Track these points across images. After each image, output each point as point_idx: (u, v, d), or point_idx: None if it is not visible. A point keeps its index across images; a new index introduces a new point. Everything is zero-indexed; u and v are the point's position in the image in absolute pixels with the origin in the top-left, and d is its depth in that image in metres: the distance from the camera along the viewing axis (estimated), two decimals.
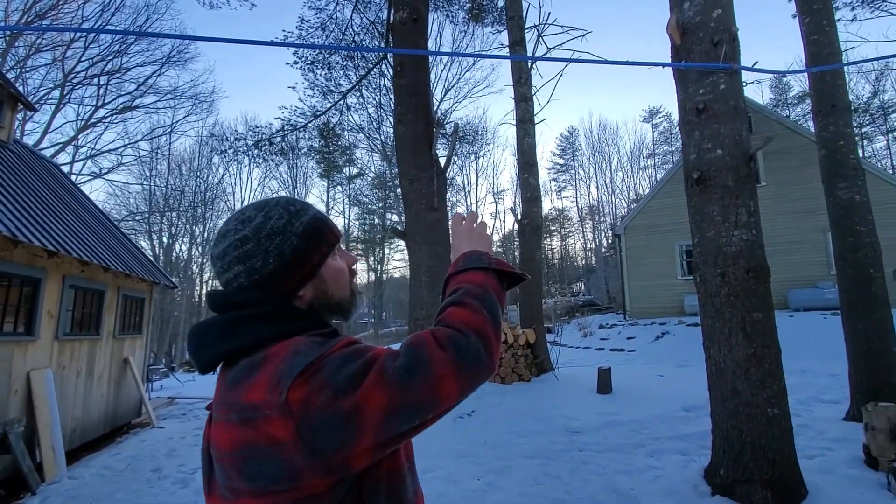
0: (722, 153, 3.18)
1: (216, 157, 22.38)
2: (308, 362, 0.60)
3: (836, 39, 5.23)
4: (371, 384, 0.59)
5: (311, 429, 0.57)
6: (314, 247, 0.75)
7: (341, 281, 0.79)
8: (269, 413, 0.58)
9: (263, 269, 0.71)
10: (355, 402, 0.58)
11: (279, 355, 0.63)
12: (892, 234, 11.40)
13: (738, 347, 3.05)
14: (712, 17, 3.25)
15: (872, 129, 32.31)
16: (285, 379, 0.59)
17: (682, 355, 9.97)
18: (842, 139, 5.02)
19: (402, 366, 0.61)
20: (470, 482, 3.72)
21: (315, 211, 0.80)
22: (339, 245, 0.81)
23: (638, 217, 16.14)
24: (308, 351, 0.62)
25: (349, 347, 0.65)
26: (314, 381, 0.59)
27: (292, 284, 0.73)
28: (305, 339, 0.66)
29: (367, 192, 34.94)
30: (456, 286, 0.78)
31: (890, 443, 3.38)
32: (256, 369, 0.62)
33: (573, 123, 63.67)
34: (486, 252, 0.85)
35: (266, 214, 0.74)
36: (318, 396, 0.58)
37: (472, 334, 0.66)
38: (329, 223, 0.80)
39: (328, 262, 0.77)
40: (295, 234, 0.73)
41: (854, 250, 4.82)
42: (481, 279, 0.78)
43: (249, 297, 0.70)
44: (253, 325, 0.67)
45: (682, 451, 4.13)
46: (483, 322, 0.69)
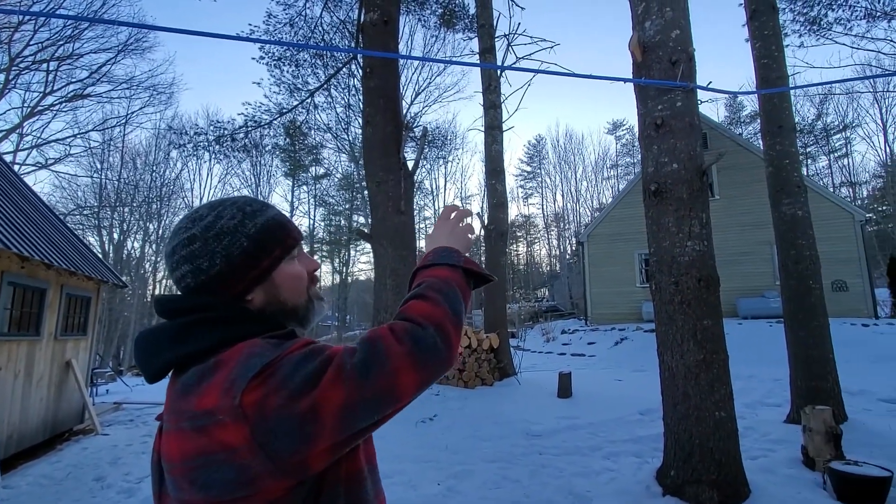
0: (677, 167, 3.33)
1: (174, 151, 21.56)
2: (263, 364, 0.59)
3: (784, 64, 5.57)
4: (328, 382, 0.58)
5: (267, 431, 0.55)
6: (266, 250, 0.72)
7: (296, 287, 0.76)
8: (221, 418, 0.56)
9: (210, 271, 0.69)
10: (312, 401, 0.56)
11: (232, 359, 0.61)
12: (831, 248, 12.23)
13: (689, 353, 3.19)
14: (671, 37, 3.41)
15: (816, 149, 34.56)
16: (239, 382, 0.57)
17: (640, 360, 10.31)
18: (787, 158, 5.35)
19: (360, 361, 0.60)
20: (430, 487, 3.71)
21: (274, 213, 0.76)
22: (300, 249, 0.79)
23: (600, 226, 16.62)
24: (263, 353, 0.61)
25: (306, 348, 0.63)
26: (269, 383, 0.57)
27: (240, 287, 0.70)
28: (260, 341, 0.64)
29: (334, 192, 34.43)
30: (421, 280, 0.78)
31: (826, 444, 3.60)
32: (208, 375, 0.61)
33: (541, 132, 64.79)
34: (458, 250, 0.85)
35: (218, 214, 0.72)
36: (274, 398, 0.56)
37: (430, 327, 0.66)
38: (287, 226, 0.76)
39: (282, 267, 0.74)
40: (246, 236, 0.70)
41: (796, 262, 5.14)
42: (447, 275, 0.78)
43: (198, 303, 0.68)
44: (203, 330, 0.65)
45: (637, 454, 4.27)
46: (443, 315, 0.69)
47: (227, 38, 3.08)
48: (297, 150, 28.23)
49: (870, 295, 13.51)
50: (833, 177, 35.13)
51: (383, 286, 5.42)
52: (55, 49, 19.19)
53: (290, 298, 0.75)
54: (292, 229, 0.77)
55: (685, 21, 3.47)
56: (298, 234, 0.79)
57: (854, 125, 32.44)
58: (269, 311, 0.73)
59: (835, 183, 34.55)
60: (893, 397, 6.01)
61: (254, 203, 0.76)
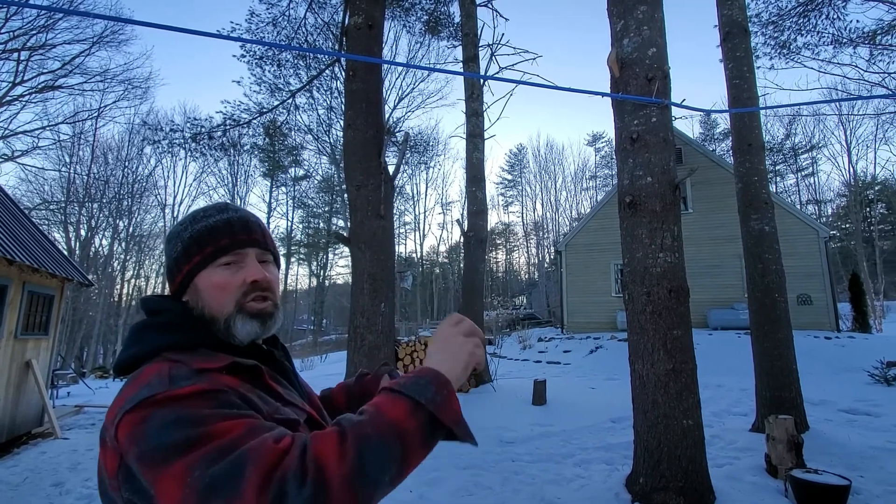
0: (651, 181, 3.42)
1: (148, 147, 20.96)
2: (142, 398, 0.56)
3: (754, 85, 5.79)
4: (173, 474, 0.51)
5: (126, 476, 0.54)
6: (188, 256, 0.74)
7: (217, 296, 0.72)
8: (107, 440, 0.57)
9: (164, 272, 0.77)
10: (156, 477, 0.52)
11: (143, 378, 0.61)
12: (796, 263, 12.70)
13: (659, 362, 3.26)
14: (648, 54, 3.51)
15: (784, 167, 35.96)
16: (122, 410, 0.57)
17: (613, 369, 10.46)
18: (756, 175, 5.55)
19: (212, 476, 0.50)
20: (402, 494, 3.68)
21: (217, 220, 0.76)
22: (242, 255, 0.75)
23: (578, 235, 16.87)
24: (156, 384, 0.58)
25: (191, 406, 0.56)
26: (135, 428, 0.55)
27: (174, 289, 0.76)
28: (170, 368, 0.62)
29: (313, 195, 34.10)
30: (370, 405, 0.60)
31: (788, 452, 3.72)
32: (127, 385, 0.62)
33: (522, 141, 65.80)
34: (448, 381, 0.64)
35: (181, 221, 0.78)
36: (133, 448, 0.54)
37: (310, 487, 0.50)
38: (216, 233, 0.74)
39: (203, 274, 0.73)
40: (181, 241, 0.75)
41: (762, 276, 5.31)
42: (399, 417, 0.58)
43: (158, 305, 0.74)
44: (149, 334, 0.69)
45: (608, 461, 4.32)
46: (341, 478, 0.52)
47: (208, 36, 3.04)
48: (277, 151, 27.90)
49: (832, 309, 14.06)
50: (800, 194, 36.59)
51: (360, 291, 5.38)
52: (27, 38, 18.53)
53: (209, 306, 0.73)
54: (221, 238, 0.74)
55: (661, 40, 3.58)
56: (236, 241, 0.75)
57: (820, 146, 33.94)
58: (195, 316, 0.73)
59: (801, 200, 35.98)
60: (853, 408, 6.25)
61: (209, 210, 0.79)
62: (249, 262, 0.75)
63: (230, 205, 0.81)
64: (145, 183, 28.84)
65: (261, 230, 0.80)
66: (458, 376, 0.67)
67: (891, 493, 3.46)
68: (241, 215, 0.79)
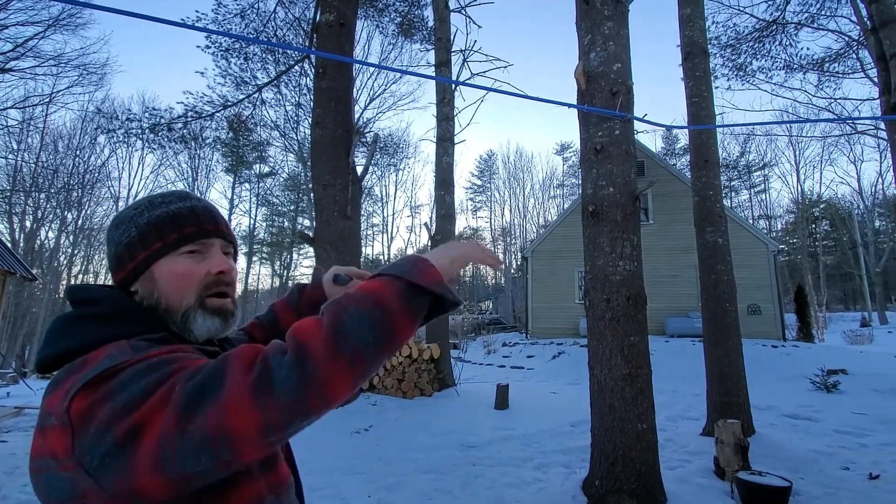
0: (613, 191, 3.52)
1: (102, 136, 19.96)
2: (104, 368, 0.54)
3: (712, 104, 6.07)
4: (152, 405, 0.49)
5: (85, 448, 0.50)
6: (145, 242, 0.68)
7: (178, 286, 0.68)
8: (54, 421, 0.53)
9: (109, 258, 0.71)
10: (131, 424, 0.49)
11: (95, 359, 0.57)
12: (747, 275, 13.35)
13: (616, 367, 3.35)
14: (613, 69, 3.62)
15: (739, 183, 37.85)
16: (76, 386, 0.53)
17: (574, 374, 10.67)
18: (711, 190, 5.80)
19: (195, 385, 0.50)
20: (360, 499, 3.62)
21: (178, 207, 0.72)
22: (207, 244, 0.72)
23: (544, 242, 17.17)
24: (117, 356, 0.56)
25: (157, 357, 0.55)
26: (100, 391, 0.52)
27: (121, 277, 0.70)
28: (128, 343, 0.60)
29: (279, 192, 33.34)
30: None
31: (735, 455, 3.88)
32: (71, 374, 0.57)
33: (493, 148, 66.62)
34: (425, 259, 0.64)
35: (133, 204, 0.73)
36: (97, 410, 0.50)
37: (291, 353, 0.51)
38: (180, 220, 0.70)
39: (162, 262, 0.68)
40: (136, 226, 0.70)
41: (715, 286, 5.55)
42: (376, 287, 0.58)
43: (94, 295, 0.67)
44: (87, 326, 0.63)
45: (566, 464, 4.39)
46: (321, 338, 0.52)
47: (171, 24, 2.92)
48: (241, 146, 27.13)
49: (779, 319, 14.85)
50: (752, 210, 38.58)
51: None
52: None
53: (167, 297, 0.68)
54: (186, 225, 0.70)
55: (626, 56, 3.70)
56: (203, 230, 0.72)
57: (772, 164, 35.97)
58: (147, 306, 0.68)
59: (753, 215, 37.94)
60: (795, 413, 6.60)
61: (168, 196, 0.74)
62: (214, 253, 0.72)
63: (191, 193, 0.77)
64: (97, 173, 27.40)
65: (225, 221, 0.77)
66: (441, 263, 0.65)
67: (829, 495, 3.67)
68: (205, 205, 0.75)
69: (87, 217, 27.52)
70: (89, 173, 26.80)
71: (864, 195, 32.81)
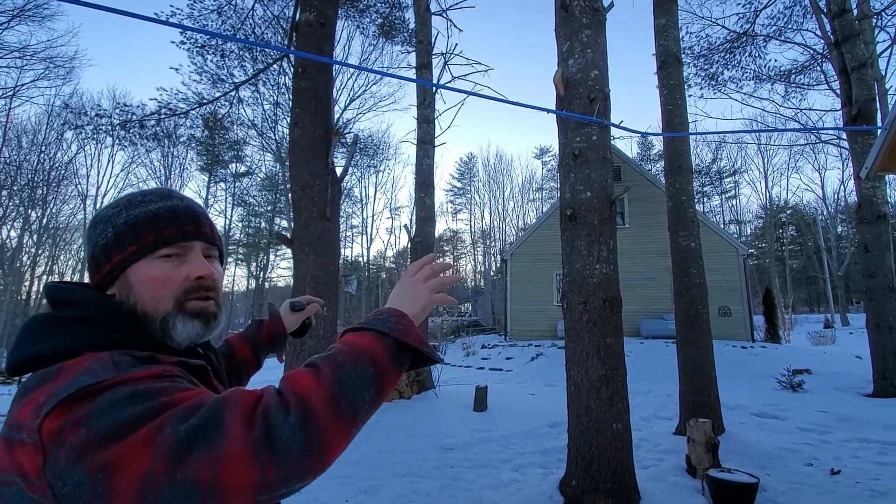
0: (591, 195, 3.59)
1: (70, 132, 19.26)
2: (81, 386, 0.50)
3: (685, 112, 6.24)
4: (136, 442, 0.47)
5: (56, 473, 0.47)
6: (120, 244, 0.65)
7: (152, 291, 0.65)
8: (24, 437, 0.49)
9: (87, 259, 0.68)
10: (108, 458, 0.46)
11: (73, 370, 0.53)
12: (718, 278, 13.74)
13: (593, 369, 3.40)
14: (590, 76, 3.69)
15: (711, 188, 38.96)
16: (50, 402, 0.50)
17: (552, 375, 10.79)
18: (684, 195, 5.96)
19: (188, 429, 0.48)
20: (339, 503, 3.59)
21: (158, 208, 0.68)
22: (187, 248, 0.69)
23: (524, 245, 17.34)
24: (98, 371, 0.53)
25: (145, 384, 0.52)
26: (75, 412, 0.48)
27: (97, 280, 0.67)
28: (109, 356, 0.56)
29: (255, 193, 32.76)
30: (336, 345, 0.63)
31: (706, 453, 3.99)
32: (44, 382, 0.53)
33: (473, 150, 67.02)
34: (405, 314, 0.67)
35: (112, 203, 0.69)
36: (70, 435, 0.47)
37: (295, 413, 0.51)
38: (159, 221, 0.67)
39: (137, 266, 0.65)
40: (112, 227, 0.66)
41: (688, 289, 5.70)
42: (367, 344, 0.61)
43: (75, 296, 0.64)
44: (64, 330, 0.59)
45: (544, 465, 4.44)
46: (323, 399, 0.53)
47: (144, 19, 2.85)
48: (217, 145, 26.56)
49: (749, 321, 15.33)
50: (723, 215, 39.77)
51: (302, 294, 5.21)
52: None
53: (143, 302, 0.65)
54: (165, 226, 0.67)
55: (603, 63, 3.78)
56: (183, 232, 0.68)
57: (742, 171, 37.19)
58: (125, 310, 0.65)
59: (724, 220, 39.11)
60: (763, 411, 6.82)
61: (148, 194, 0.70)
62: (194, 257, 0.69)
63: (174, 191, 0.73)
64: (64, 170, 26.39)
65: (208, 222, 0.74)
66: (416, 315, 0.69)
67: (793, 490, 3.81)
68: (188, 204, 0.72)
69: (52, 215, 26.49)
70: (55, 170, 25.81)
71: (827, 202, 34.23)
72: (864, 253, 8.32)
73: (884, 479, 4.06)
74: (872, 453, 4.81)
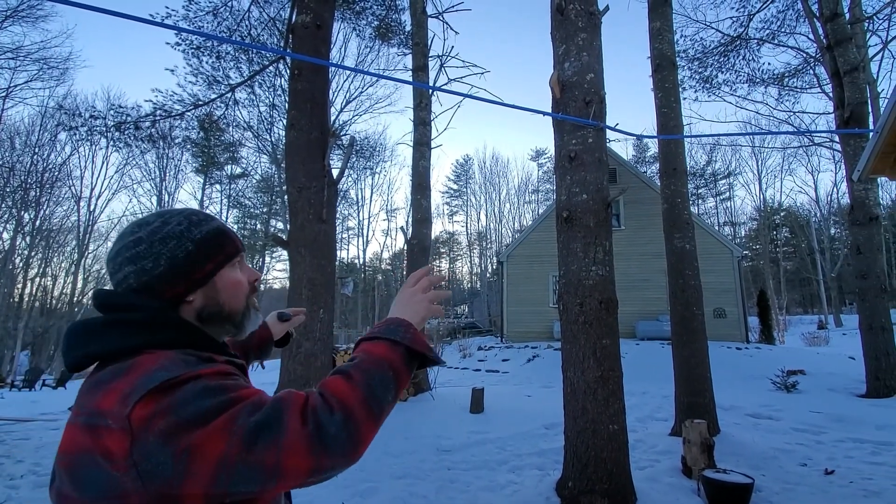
0: (587, 197, 3.60)
1: (63, 133, 19.16)
2: (164, 379, 0.59)
3: (680, 114, 6.28)
4: (215, 429, 0.57)
5: (144, 454, 0.56)
6: (209, 255, 0.76)
7: (236, 293, 0.79)
8: (111, 424, 0.57)
9: (154, 271, 0.72)
10: (192, 441, 0.56)
11: (144, 366, 0.62)
12: (713, 279, 13.83)
13: (589, 370, 3.42)
14: (586, 79, 3.71)
15: (705, 191, 39.17)
16: (136, 393, 0.58)
17: (548, 377, 10.81)
18: (679, 197, 6.00)
19: (255, 422, 0.58)
20: None
21: (219, 224, 0.81)
22: (242, 259, 0.83)
23: (520, 247, 17.36)
24: (172, 367, 0.62)
25: (215, 380, 0.62)
26: (161, 403, 0.57)
27: (181, 289, 0.74)
28: (176, 354, 0.66)
29: (251, 194, 32.65)
30: (356, 354, 0.74)
31: (701, 454, 4.01)
32: (118, 376, 0.62)
33: (469, 153, 67.17)
34: (410, 324, 0.79)
35: (165, 220, 0.76)
36: (159, 421, 0.56)
37: (339, 413, 0.62)
38: (230, 235, 0.81)
39: (223, 273, 0.78)
40: (191, 241, 0.75)
41: (683, 290, 5.73)
42: (384, 352, 0.72)
43: (131, 301, 0.71)
44: (126, 331, 0.67)
45: (540, 467, 4.44)
46: (359, 402, 0.64)
47: (138, 21, 2.85)
48: (212, 146, 26.44)
49: (743, 322, 15.42)
50: (718, 217, 39.97)
51: (298, 296, 5.20)
52: None
53: (228, 303, 0.78)
54: (235, 239, 0.81)
55: (599, 66, 3.80)
56: (241, 244, 0.83)
57: (736, 173, 37.44)
58: (206, 314, 0.76)
59: (719, 222, 39.31)
60: (758, 412, 6.86)
61: (200, 214, 0.81)
62: (245, 265, 0.84)
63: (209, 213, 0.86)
64: (57, 172, 26.17)
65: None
66: (417, 323, 0.80)
67: (788, 490, 3.83)
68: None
69: (45, 217, 26.28)
70: (48, 172, 25.60)
71: (820, 204, 34.48)
72: (856, 254, 8.40)
73: (877, 478, 4.09)
74: (866, 453, 4.85)
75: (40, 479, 4.15)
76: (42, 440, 5.63)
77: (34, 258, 27.13)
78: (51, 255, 28.53)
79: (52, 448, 5.19)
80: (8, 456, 4.92)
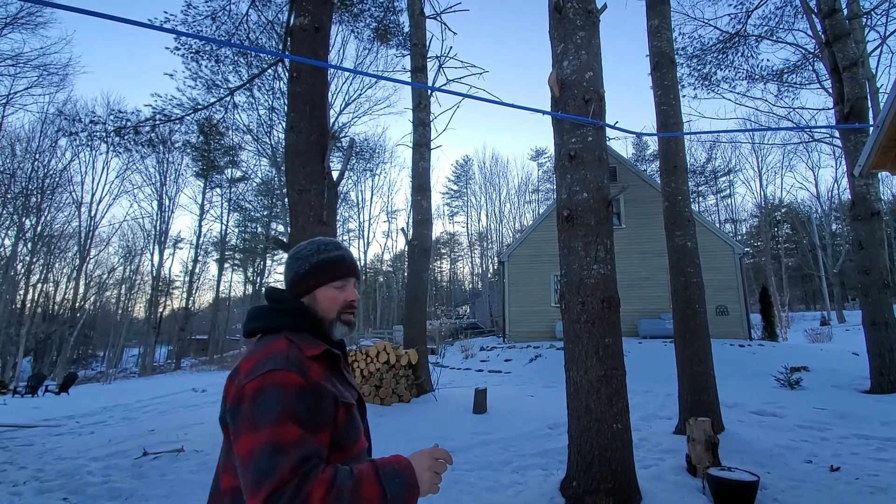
0: (587, 196, 3.59)
1: (64, 139, 19.19)
2: (267, 370, 0.90)
3: (679, 112, 6.27)
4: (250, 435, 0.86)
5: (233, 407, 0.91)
6: (314, 275, 1.09)
7: (329, 306, 1.09)
8: (234, 380, 0.94)
9: (288, 278, 1.12)
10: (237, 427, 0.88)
11: (272, 347, 0.96)
12: (715, 277, 13.80)
13: (592, 369, 3.40)
14: (585, 77, 3.70)
15: (706, 188, 39.11)
16: (255, 371, 0.91)
17: (551, 376, 10.79)
18: (679, 195, 5.98)
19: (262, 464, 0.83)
20: None
21: (338, 254, 1.12)
22: (347, 282, 1.11)
23: (521, 247, 17.35)
24: (276, 358, 0.92)
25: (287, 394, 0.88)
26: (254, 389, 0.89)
27: (298, 292, 1.10)
28: (290, 339, 0.99)
29: (251, 198, 32.68)
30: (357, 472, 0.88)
31: (705, 452, 3.99)
32: (258, 349, 0.97)
33: (469, 153, 67.13)
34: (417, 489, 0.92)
35: (306, 247, 1.13)
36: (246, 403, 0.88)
37: None
38: (340, 265, 1.11)
39: (323, 289, 1.09)
40: (309, 263, 1.10)
41: (685, 288, 5.72)
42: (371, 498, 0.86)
43: (279, 296, 1.11)
44: (273, 315, 1.05)
45: (544, 467, 4.43)
46: None
47: (137, 25, 2.85)
48: (212, 150, 26.46)
49: (745, 319, 15.38)
50: (719, 214, 39.93)
51: None
52: None
53: (321, 311, 1.09)
54: (345, 268, 1.11)
55: (598, 64, 3.80)
56: (350, 272, 1.12)
57: (736, 170, 37.36)
58: (311, 313, 1.08)
59: (720, 219, 39.27)
60: (762, 409, 6.84)
61: (330, 245, 1.14)
62: (349, 287, 1.12)
63: (341, 244, 1.17)
64: (58, 178, 26.20)
65: (357, 264, 1.17)
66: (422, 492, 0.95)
67: (793, 487, 3.81)
68: (347, 254, 1.15)
69: (46, 223, 26.34)
70: (49, 178, 25.64)
71: (821, 200, 34.41)
72: (858, 250, 8.37)
73: (883, 474, 4.07)
74: (871, 449, 4.83)
75: (43, 486, 4.15)
76: (45, 446, 5.63)
77: (36, 264, 27.20)
78: (52, 261, 28.62)
79: (55, 454, 5.20)
80: (11, 462, 4.93)
